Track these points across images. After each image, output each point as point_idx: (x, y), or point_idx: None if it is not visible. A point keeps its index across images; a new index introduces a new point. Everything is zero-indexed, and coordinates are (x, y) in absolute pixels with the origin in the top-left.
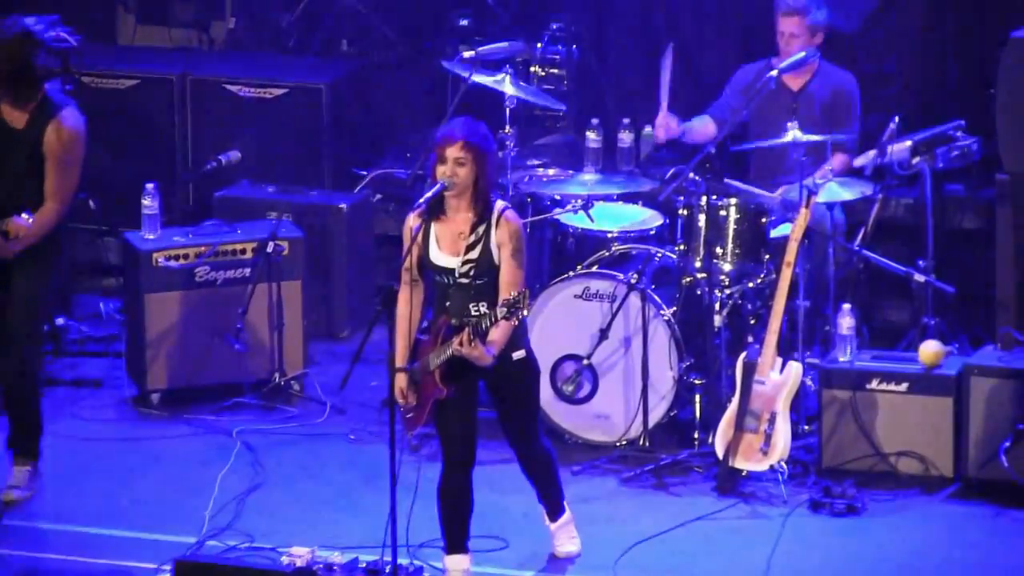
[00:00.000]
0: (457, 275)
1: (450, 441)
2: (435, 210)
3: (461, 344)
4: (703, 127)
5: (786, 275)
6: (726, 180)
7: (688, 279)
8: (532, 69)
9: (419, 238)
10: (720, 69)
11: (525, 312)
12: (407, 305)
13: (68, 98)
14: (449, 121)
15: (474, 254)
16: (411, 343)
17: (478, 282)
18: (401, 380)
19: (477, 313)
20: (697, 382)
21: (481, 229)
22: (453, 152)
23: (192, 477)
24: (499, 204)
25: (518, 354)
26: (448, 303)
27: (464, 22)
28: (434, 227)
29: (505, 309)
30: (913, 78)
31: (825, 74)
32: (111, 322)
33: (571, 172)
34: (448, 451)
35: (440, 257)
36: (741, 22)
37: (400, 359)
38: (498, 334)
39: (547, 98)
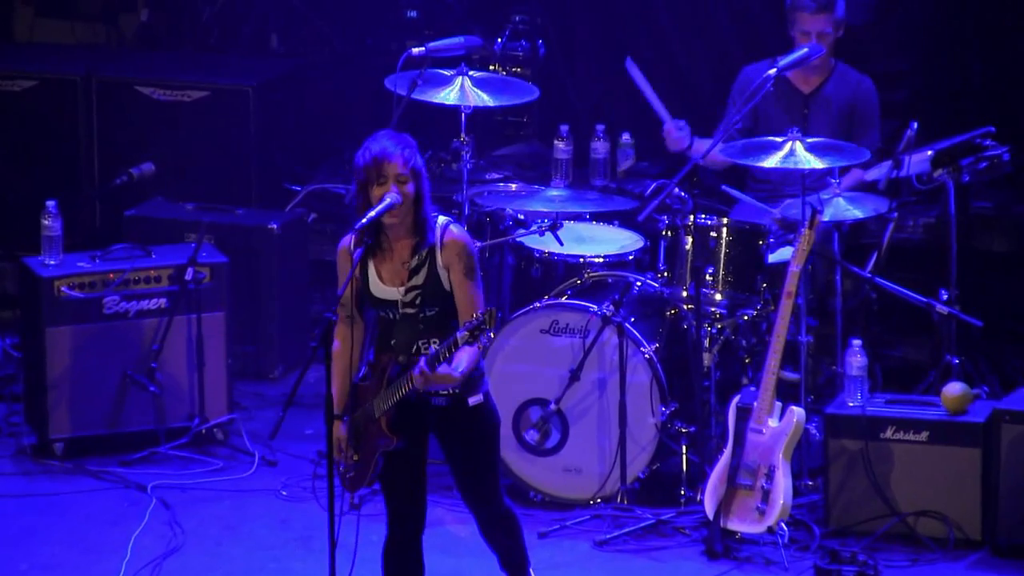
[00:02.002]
0: (401, 306)
1: (396, 499)
2: (372, 243)
3: (421, 374)
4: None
5: (786, 307)
6: (723, 187)
7: (673, 311)
8: (491, 68)
9: (356, 270)
10: (710, 65)
11: (492, 335)
12: (345, 342)
13: None
14: (373, 137)
15: (419, 279)
16: (349, 386)
17: (427, 313)
18: (339, 430)
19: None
20: (683, 430)
21: (425, 251)
22: (394, 170)
23: (101, 538)
24: (440, 219)
25: (474, 399)
26: (393, 340)
27: (412, 14)
28: (371, 261)
29: (467, 333)
30: (931, 78)
31: (842, 76)
32: (7, 360)
33: (536, 187)
34: (394, 510)
35: (382, 290)
36: (733, 12)
37: (337, 405)
38: (463, 357)
39: (511, 92)
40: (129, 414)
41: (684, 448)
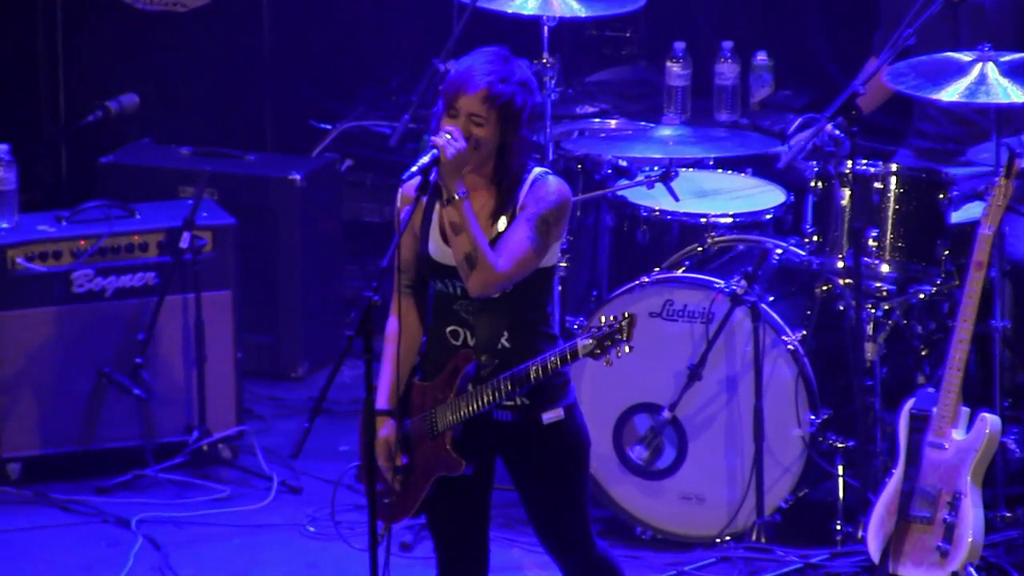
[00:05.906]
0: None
1: (448, 539)
2: (431, 198)
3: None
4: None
5: (975, 281)
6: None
7: (825, 288)
8: None
9: (408, 227)
10: None
11: (628, 348)
12: (406, 319)
13: None
14: (471, 54)
15: None
16: (403, 382)
17: (512, 296)
18: (387, 429)
19: (501, 347)
20: (839, 445)
21: (506, 218)
22: (469, 105)
23: None
24: (536, 171)
25: (550, 415)
26: (474, 332)
27: None
28: (437, 207)
29: (592, 341)
30: None
31: None
32: None
33: (643, 124)
34: (446, 554)
35: (440, 250)
36: None
37: (388, 400)
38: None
39: None
40: (107, 426)
41: (840, 469)
